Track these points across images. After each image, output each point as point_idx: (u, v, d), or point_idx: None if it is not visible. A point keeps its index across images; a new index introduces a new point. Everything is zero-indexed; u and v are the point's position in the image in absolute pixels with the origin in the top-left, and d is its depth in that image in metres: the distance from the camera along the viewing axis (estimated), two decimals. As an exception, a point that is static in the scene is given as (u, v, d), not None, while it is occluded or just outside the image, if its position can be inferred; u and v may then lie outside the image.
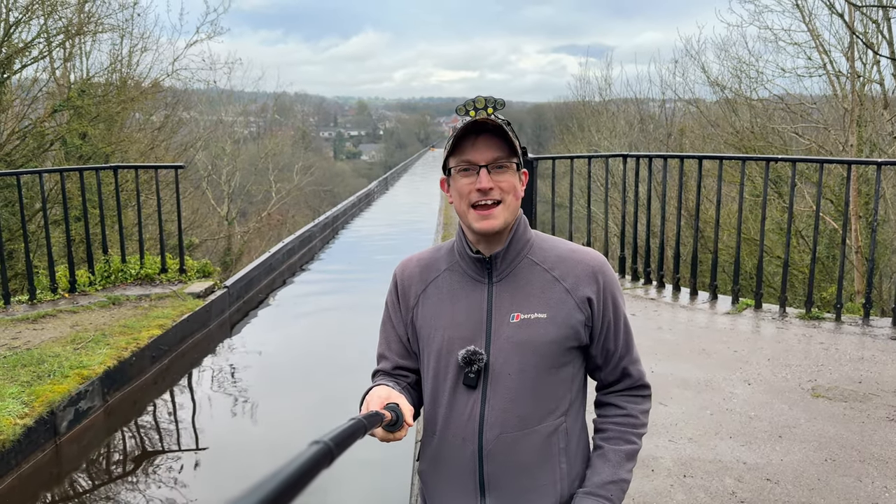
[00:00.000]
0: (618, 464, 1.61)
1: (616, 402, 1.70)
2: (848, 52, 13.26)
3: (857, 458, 3.66)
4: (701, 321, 6.15)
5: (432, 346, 1.65)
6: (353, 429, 1.13)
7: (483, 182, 1.54)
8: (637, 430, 1.67)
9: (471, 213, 1.57)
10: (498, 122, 1.53)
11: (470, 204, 1.56)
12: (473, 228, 1.58)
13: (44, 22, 12.28)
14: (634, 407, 1.69)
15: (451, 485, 1.64)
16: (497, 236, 1.60)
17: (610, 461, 1.62)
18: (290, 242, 11.55)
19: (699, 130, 19.66)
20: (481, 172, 1.54)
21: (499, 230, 1.57)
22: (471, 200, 1.56)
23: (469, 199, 1.56)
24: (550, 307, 1.59)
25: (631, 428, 1.67)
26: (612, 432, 1.66)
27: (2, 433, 4.12)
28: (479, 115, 1.55)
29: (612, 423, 1.67)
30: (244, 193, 31.87)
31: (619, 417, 1.67)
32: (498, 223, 1.56)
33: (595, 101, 25.74)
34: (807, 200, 14.08)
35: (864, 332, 5.69)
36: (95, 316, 6.39)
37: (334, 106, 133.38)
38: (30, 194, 11.27)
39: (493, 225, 1.56)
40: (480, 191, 1.54)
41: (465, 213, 1.58)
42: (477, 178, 1.55)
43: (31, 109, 13.07)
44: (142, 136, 15.80)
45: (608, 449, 1.64)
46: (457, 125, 1.59)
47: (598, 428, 1.70)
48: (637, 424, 1.68)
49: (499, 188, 1.55)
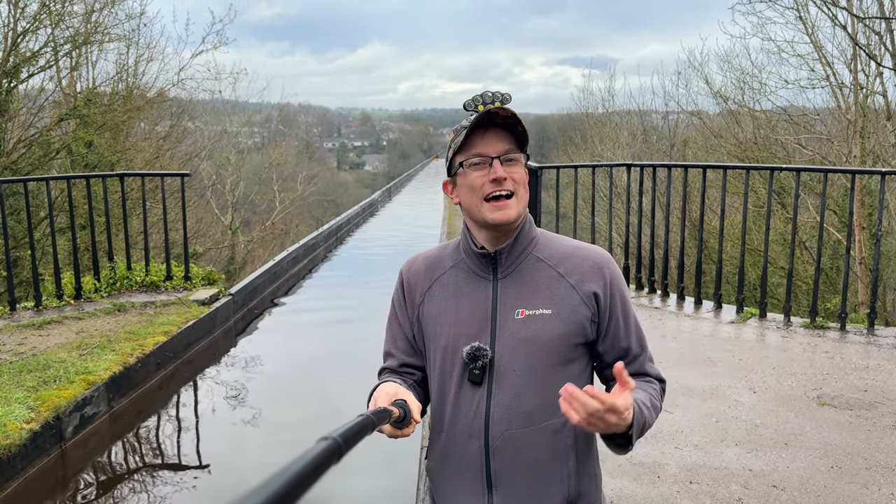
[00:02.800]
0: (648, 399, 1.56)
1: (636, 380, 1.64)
2: (851, 63, 13.29)
3: (864, 466, 3.65)
4: (706, 330, 6.15)
5: (438, 343, 1.65)
6: (362, 425, 1.14)
7: (498, 171, 1.54)
8: (656, 399, 1.62)
9: (484, 205, 1.57)
10: (510, 112, 1.54)
11: (483, 197, 1.56)
12: (488, 220, 1.57)
13: (51, 31, 12.38)
14: (651, 388, 1.64)
15: (459, 481, 1.65)
16: (505, 232, 1.61)
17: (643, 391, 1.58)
18: (294, 251, 11.58)
19: (702, 142, 19.69)
20: (494, 163, 1.55)
21: (513, 221, 1.58)
22: (484, 192, 1.56)
23: (483, 192, 1.56)
24: (556, 303, 1.59)
25: (652, 391, 1.62)
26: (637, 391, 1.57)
27: (8, 438, 4.13)
28: (489, 108, 1.56)
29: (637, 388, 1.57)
30: (248, 203, 31.93)
31: (642, 382, 1.63)
32: (513, 213, 1.57)
33: (598, 112, 25.79)
34: (810, 211, 14.07)
35: (868, 342, 5.69)
36: (101, 322, 6.41)
37: (338, 117, 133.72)
38: (36, 202, 11.32)
39: (509, 215, 1.56)
40: (495, 181, 1.55)
41: (479, 206, 1.58)
42: (490, 169, 1.55)
43: (37, 118, 13.15)
44: (147, 145, 15.86)
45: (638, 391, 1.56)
46: (461, 125, 1.60)
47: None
48: (656, 396, 1.63)
49: (511, 179, 1.56)
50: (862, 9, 12.63)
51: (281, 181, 34.58)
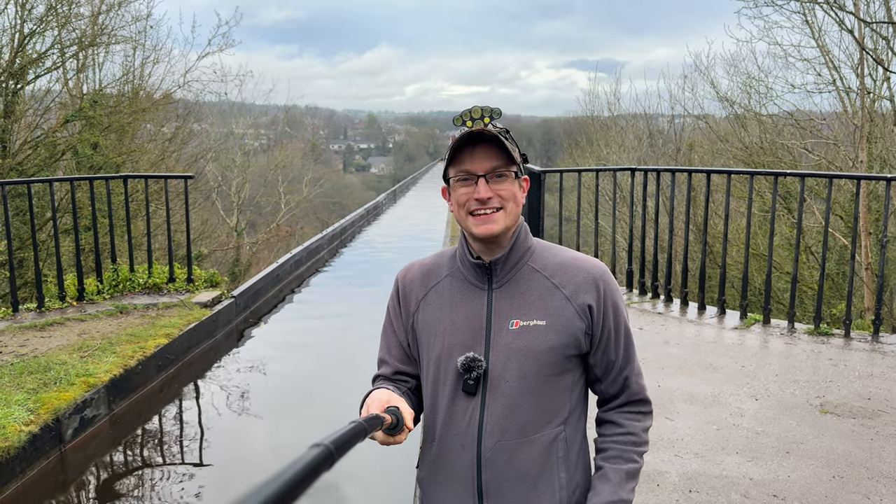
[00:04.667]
0: (618, 483, 1.58)
1: (616, 419, 1.67)
2: (858, 68, 13.24)
3: (866, 476, 3.62)
4: (709, 336, 6.11)
5: (432, 352, 1.65)
6: (354, 432, 1.13)
7: (481, 192, 1.55)
8: (638, 448, 1.64)
9: (469, 219, 1.58)
10: (494, 131, 1.53)
11: (468, 212, 1.58)
12: (474, 234, 1.58)
13: (58, 33, 12.42)
14: (635, 425, 1.66)
15: (450, 491, 1.64)
16: (498, 242, 1.61)
17: (610, 481, 1.59)
18: (297, 253, 11.58)
19: (708, 146, 19.65)
20: (479, 182, 1.55)
21: (498, 234, 1.57)
22: (469, 209, 1.57)
23: (467, 208, 1.58)
24: (550, 314, 1.58)
25: (632, 446, 1.64)
26: (612, 451, 1.63)
27: (7, 440, 4.13)
28: (475, 126, 1.56)
29: (612, 442, 1.64)
30: (253, 205, 32.03)
31: (620, 436, 1.65)
32: (498, 227, 1.56)
33: (604, 115, 25.81)
34: (816, 216, 14.02)
35: (873, 349, 5.64)
36: (103, 324, 6.41)
37: (344, 119, 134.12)
38: (40, 203, 11.36)
39: (493, 230, 1.56)
40: (479, 200, 1.55)
41: (465, 220, 1.60)
42: (475, 187, 1.56)
43: (43, 119, 13.19)
44: (153, 146, 15.91)
45: (608, 469, 1.61)
46: (456, 136, 1.60)
47: (598, 448, 1.67)
48: (638, 443, 1.65)
49: (498, 196, 1.56)
50: (869, 13, 12.59)
51: (286, 183, 34.68)
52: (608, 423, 1.68)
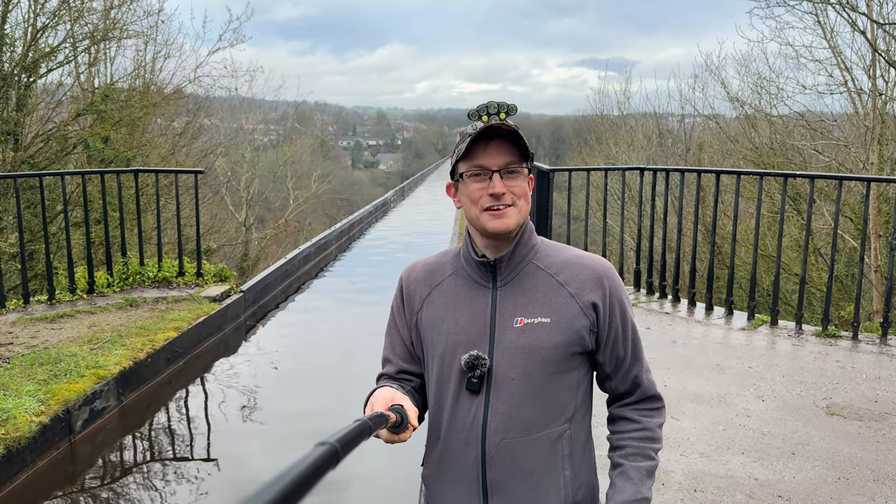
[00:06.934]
0: (640, 481, 1.59)
1: (631, 416, 1.67)
2: (870, 69, 13.16)
3: (871, 478, 3.62)
4: (716, 336, 6.11)
5: (436, 351, 1.65)
6: (359, 430, 1.14)
7: (497, 187, 1.54)
8: (655, 444, 1.65)
9: (483, 215, 1.57)
10: (512, 126, 1.53)
11: (482, 208, 1.57)
12: (487, 229, 1.57)
13: (70, 27, 12.50)
14: (650, 421, 1.66)
15: (455, 490, 1.64)
16: (505, 240, 1.61)
17: (632, 479, 1.59)
18: (306, 249, 11.62)
19: (718, 146, 19.59)
20: (494, 177, 1.54)
21: (512, 230, 1.57)
22: (482, 205, 1.56)
23: (481, 204, 1.56)
24: (554, 312, 1.58)
25: (649, 443, 1.64)
26: (630, 448, 1.63)
27: (18, 430, 4.18)
28: (492, 120, 1.56)
29: (630, 439, 1.64)
30: (262, 200, 32.10)
31: (637, 433, 1.65)
32: (511, 222, 1.56)
33: (614, 114, 25.72)
34: (826, 218, 13.95)
35: (881, 352, 5.63)
36: (112, 317, 6.46)
37: (353, 115, 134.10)
38: (52, 196, 11.43)
39: (508, 224, 1.56)
40: (493, 195, 1.55)
41: (478, 216, 1.58)
42: (489, 182, 1.55)
43: (55, 113, 13.28)
44: (163, 141, 15.98)
45: (629, 466, 1.60)
46: (466, 131, 1.60)
47: (615, 445, 1.67)
48: (655, 439, 1.65)
49: (511, 193, 1.56)
50: (882, 14, 12.52)
51: (295, 179, 34.76)
52: (623, 420, 1.68)
